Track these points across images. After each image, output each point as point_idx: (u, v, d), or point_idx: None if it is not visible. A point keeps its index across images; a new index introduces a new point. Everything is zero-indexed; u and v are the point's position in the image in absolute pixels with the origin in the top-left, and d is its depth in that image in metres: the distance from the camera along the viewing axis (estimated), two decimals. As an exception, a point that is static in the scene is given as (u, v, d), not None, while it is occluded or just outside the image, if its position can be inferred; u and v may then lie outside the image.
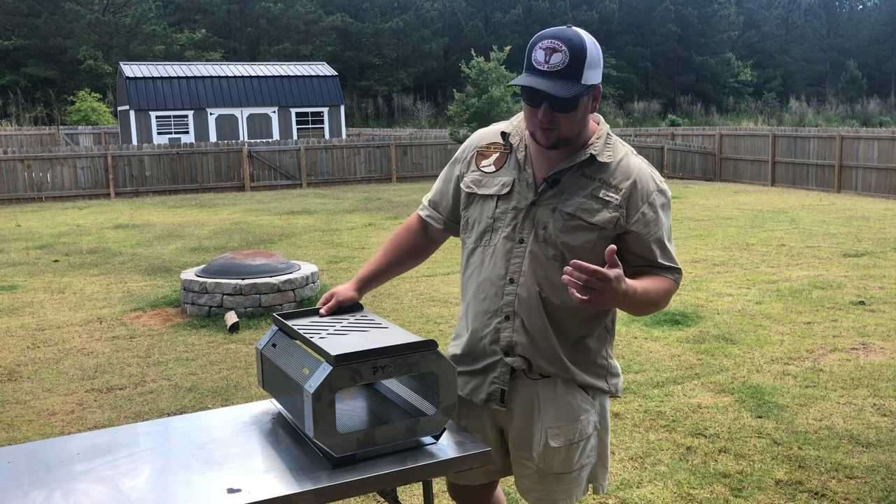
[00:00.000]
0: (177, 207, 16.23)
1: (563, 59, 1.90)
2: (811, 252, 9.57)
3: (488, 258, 2.10)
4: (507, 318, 2.07)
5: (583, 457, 2.14)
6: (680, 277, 2.09)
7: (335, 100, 27.19)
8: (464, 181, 2.19)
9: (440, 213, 2.29)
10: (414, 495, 3.43)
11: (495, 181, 2.11)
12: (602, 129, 2.09)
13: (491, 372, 2.12)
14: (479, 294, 2.12)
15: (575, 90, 1.90)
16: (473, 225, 2.15)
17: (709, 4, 59.03)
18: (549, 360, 2.07)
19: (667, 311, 6.67)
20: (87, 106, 33.79)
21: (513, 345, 2.07)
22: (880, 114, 43.98)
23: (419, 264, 2.44)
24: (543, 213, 2.03)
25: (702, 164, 22.22)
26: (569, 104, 1.93)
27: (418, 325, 6.45)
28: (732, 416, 4.44)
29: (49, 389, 5.22)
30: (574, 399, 2.11)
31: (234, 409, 2.34)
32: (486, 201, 2.11)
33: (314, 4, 50.85)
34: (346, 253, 10.13)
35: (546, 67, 1.90)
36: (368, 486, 1.89)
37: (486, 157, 2.16)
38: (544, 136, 1.99)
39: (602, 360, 2.15)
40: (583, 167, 2.04)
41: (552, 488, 2.13)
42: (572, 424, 2.10)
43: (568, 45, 1.90)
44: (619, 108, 47.32)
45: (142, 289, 8.23)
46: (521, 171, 2.08)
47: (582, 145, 2.04)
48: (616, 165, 2.05)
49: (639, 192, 2.03)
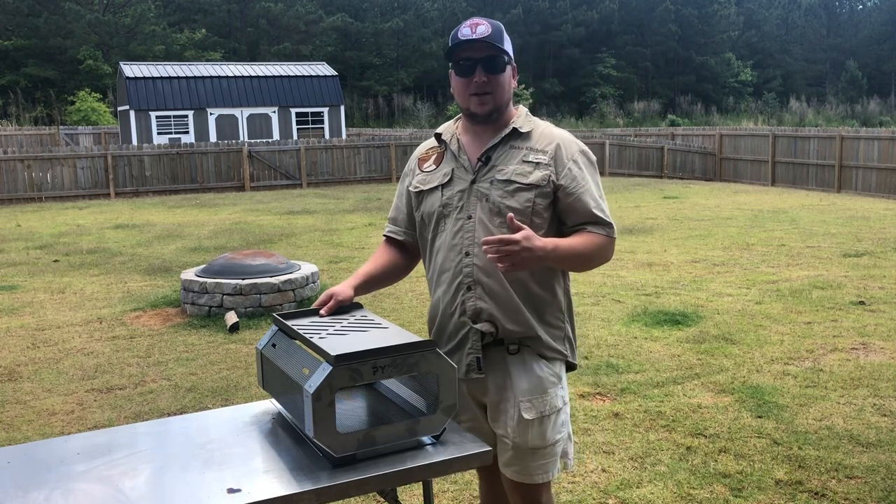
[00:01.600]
0: (177, 207, 16.23)
1: (486, 29, 2.20)
2: (811, 252, 9.57)
3: (445, 242, 2.28)
4: (469, 289, 2.23)
5: (554, 431, 2.27)
6: (612, 231, 2.24)
7: (335, 100, 27.19)
8: (411, 186, 2.39)
9: (399, 225, 2.46)
10: (414, 495, 3.43)
11: (437, 174, 2.32)
12: (521, 110, 2.34)
13: (465, 344, 2.25)
14: (442, 275, 2.29)
15: (499, 48, 2.19)
16: (428, 219, 2.33)
17: (709, 4, 59.05)
18: (515, 322, 2.22)
19: (667, 311, 6.68)
20: (87, 106, 33.81)
21: (479, 311, 2.22)
22: (880, 114, 44.00)
23: (405, 276, 2.53)
24: (483, 187, 2.23)
25: (702, 164, 22.22)
26: (499, 64, 2.20)
27: (418, 325, 6.44)
28: (732, 416, 4.44)
29: (49, 389, 5.22)
30: (542, 372, 2.25)
31: (234, 409, 2.34)
32: (433, 193, 2.31)
33: (314, 4, 50.86)
34: (346, 253, 10.13)
35: (475, 36, 2.19)
36: (368, 486, 1.89)
37: (426, 161, 2.38)
38: (480, 102, 2.22)
39: (560, 323, 2.31)
40: (510, 140, 2.26)
41: (528, 463, 2.26)
42: (542, 397, 2.24)
43: (487, 21, 2.22)
44: (619, 108, 47.33)
45: (142, 289, 8.23)
46: (458, 158, 2.29)
47: (505, 124, 2.28)
48: (539, 134, 2.28)
49: (563, 151, 2.24)
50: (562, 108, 48.99)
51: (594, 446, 4.07)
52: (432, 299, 2.36)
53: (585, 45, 55.06)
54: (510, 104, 2.30)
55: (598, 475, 3.74)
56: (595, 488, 3.61)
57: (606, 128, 33.56)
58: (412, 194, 2.37)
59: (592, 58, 54.93)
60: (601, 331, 6.22)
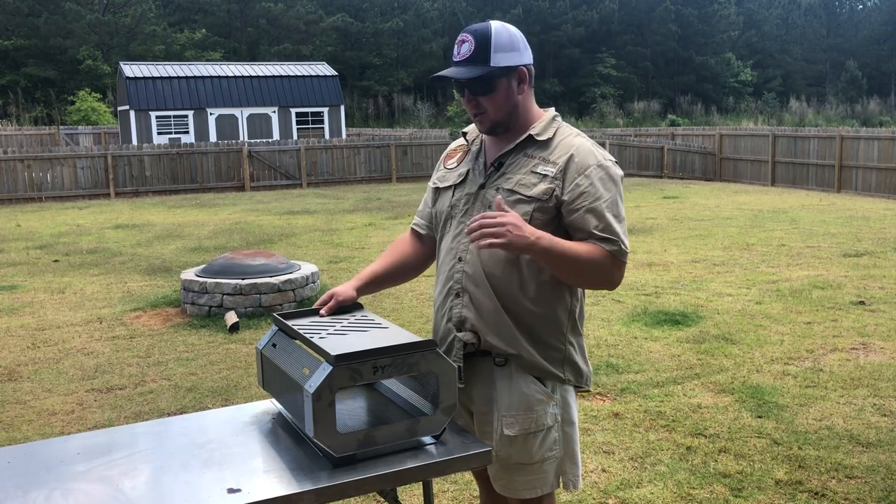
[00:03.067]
0: (177, 207, 16.23)
1: (470, 47, 2.10)
2: (811, 252, 9.57)
3: (446, 244, 2.25)
4: (457, 295, 2.19)
5: (543, 449, 2.16)
6: (619, 252, 2.06)
7: (335, 100, 27.18)
8: (433, 181, 2.37)
9: (423, 219, 2.43)
10: (414, 495, 3.43)
11: (454, 173, 2.29)
12: (548, 114, 2.23)
13: (451, 351, 2.19)
14: (440, 276, 2.27)
15: (479, 71, 2.07)
16: (439, 217, 2.30)
17: (709, 4, 59.04)
18: (497, 334, 2.13)
19: (667, 311, 6.68)
20: (87, 106, 33.79)
21: (462, 320, 2.17)
22: (880, 114, 43.99)
23: (418, 275, 2.48)
24: (490, 194, 2.16)
25: (702, 164, 22.22)
26: (484, 87, 2.10)
27: (418, 325, 6.44)
28: (732, 416, 4.44)
29: (49, 389, 5.22)
30: (528, 389, 2.14)
31: (234, 409, 2.34)
32: (446, 192, 2.28)
33: (314, 5, 50.86)
34: (346, 253, 10.13)
35: (458, 58, 2.12)
36: (368, 486, 1.89)
37: (451, 158, 2.35)
38: (478, 122, 2.18)
39: (559, 344, 2.17)
40: (524, 147, 2.17)
41: (514, 478, 2.18)
42: (527, 414, 2.14)
43: (473, 35, 2.10)
44: (619, 108, 47.33)
45: (142, 289, 8.23)
46: (476, 160, 2.25)
47: (524, 129, 2.18)
48: (557, 143, 2.15)
49: (575, 164, 2.10)
50: (562, 108, 48.92)
51: (594, 446, 4.07)
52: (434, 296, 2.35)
53: (585, 45, 55.06)
54: (522, 112, 2.17)
55: (598, 475, 3.74)
56: (595, 488, 3.61)
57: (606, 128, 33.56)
58: (432, 190, 2.36)
59: (592, 58, 54.94)
60: (601, 331, 6.22)
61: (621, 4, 57.11)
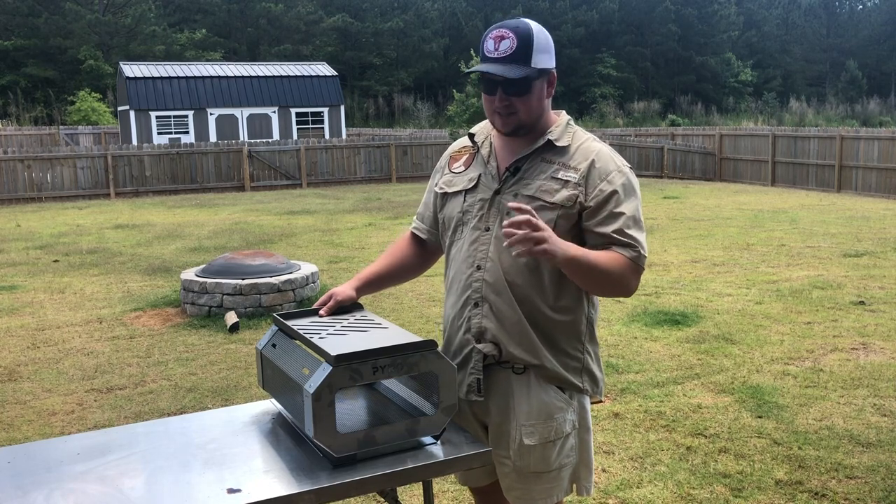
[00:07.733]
0: (177, 207, 16.23)
1: (511, 44, 2.01)
2: (811, 252, 9.57)
3: (460, 251, 2.17)
4: (476, 305, 2.12)
5: (561, 456, 2.13)
6: (639, 258, 2.04)
7: (335, 100, 27.18)
8: (437, 185, 2.29)
9: (424, 223, 2.37)
10: (414, 495, 3.43)
11: (463, 178, 2.20)
12: (562, 118, 2.18)
13: (468, 363, 2.14)
14: (454, 286, 2.19)
15: (524, 72, 2.00)
16: (448, 223, 2.23)
17: (709, 4, 59.03)
18: (519, 344, 2.08)
19: (667, 311, 6.68)
20: (87, 106, 33.79)
21: (483, 330, 2.11)
22: (880, 114, 43.98)
23: (418, 276, 2.46)
24: (507, 200, 2.08)
25: (702, 164, 22.22)
26: (521, 87, 2.02)
27: (418, 325, 6.44)
28: (732, 416, 4.44)
29: (49, 389, 5.22)
30: (548, 396, 2.11)
31: (234, 409, 2.34)
32: (456, 197, 2.20)
33: (315, 5, 50.84)
34: (346, 253, 10.13)
35: (496, 54, 2.01)
36: (368, 486, 1.89)
37: (457, 161, 2.27)
38: (503, 122, 2.08)
39: (577, 353, 2.14)
40: (542, 153, 2.11)
41: (531, 487, 2.13)
42: (547, 422, 2.10)
43: (515, 32, 2.02)
44: (619, 108, 47.32)
45: (142, 289, 8.22)
46: (487, 164, 2.16)
47: (541, 133, 2.12)
48: (575, 149, 2.11)
49: (597, 170, 2.07)
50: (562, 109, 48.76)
51: (594, 446, 4.06)
52: (445, 306, 2.27)
53: (585, 45, 55.04)
54: (544, 115, 2.12)
55: (598, 475, 3.74)
56: (595, 488, 3.61)
57: (606, 128, 33.55)
58: (437, 194, 2.27)
59: (592, 58, 54.93)
60: (601, 331, 6.22)
61: (621, 4, 57.10)
